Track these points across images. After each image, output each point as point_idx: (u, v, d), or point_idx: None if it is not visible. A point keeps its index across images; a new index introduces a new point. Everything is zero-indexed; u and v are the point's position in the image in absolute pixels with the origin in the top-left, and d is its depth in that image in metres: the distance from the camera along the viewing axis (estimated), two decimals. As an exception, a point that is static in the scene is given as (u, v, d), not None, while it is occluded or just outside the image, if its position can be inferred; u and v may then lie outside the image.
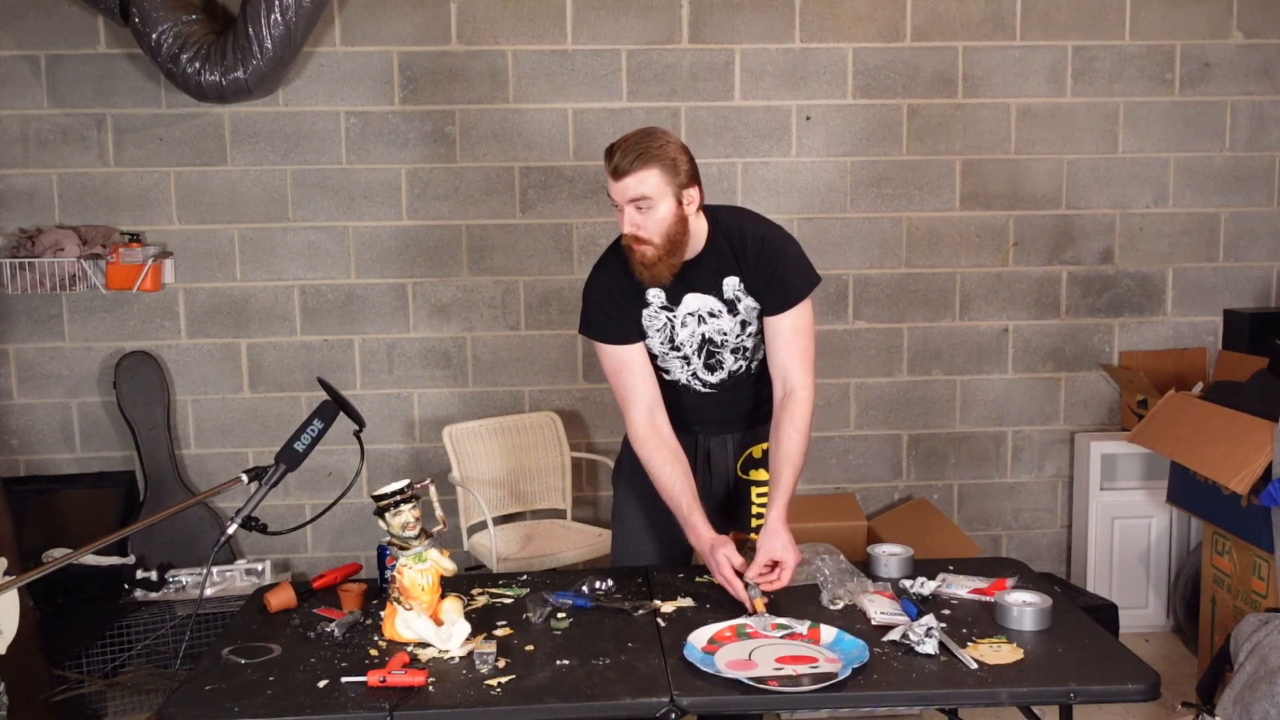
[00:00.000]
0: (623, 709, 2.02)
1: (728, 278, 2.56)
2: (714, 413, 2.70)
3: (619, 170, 2.39)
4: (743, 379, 2.68)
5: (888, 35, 4.20)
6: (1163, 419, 3.80)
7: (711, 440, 2.74)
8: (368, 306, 4.21)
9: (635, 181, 2.39)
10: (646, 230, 2.42)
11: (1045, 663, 2.13)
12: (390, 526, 2.30)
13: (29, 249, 3.96)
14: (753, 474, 2.74)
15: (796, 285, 2.56)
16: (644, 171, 2.38)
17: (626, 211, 2.41)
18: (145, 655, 3.69)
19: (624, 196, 2.40)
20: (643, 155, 2.38)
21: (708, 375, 2.65)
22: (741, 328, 2.60)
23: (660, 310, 2.57)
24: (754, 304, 2.58)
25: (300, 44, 3.82)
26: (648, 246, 2.44)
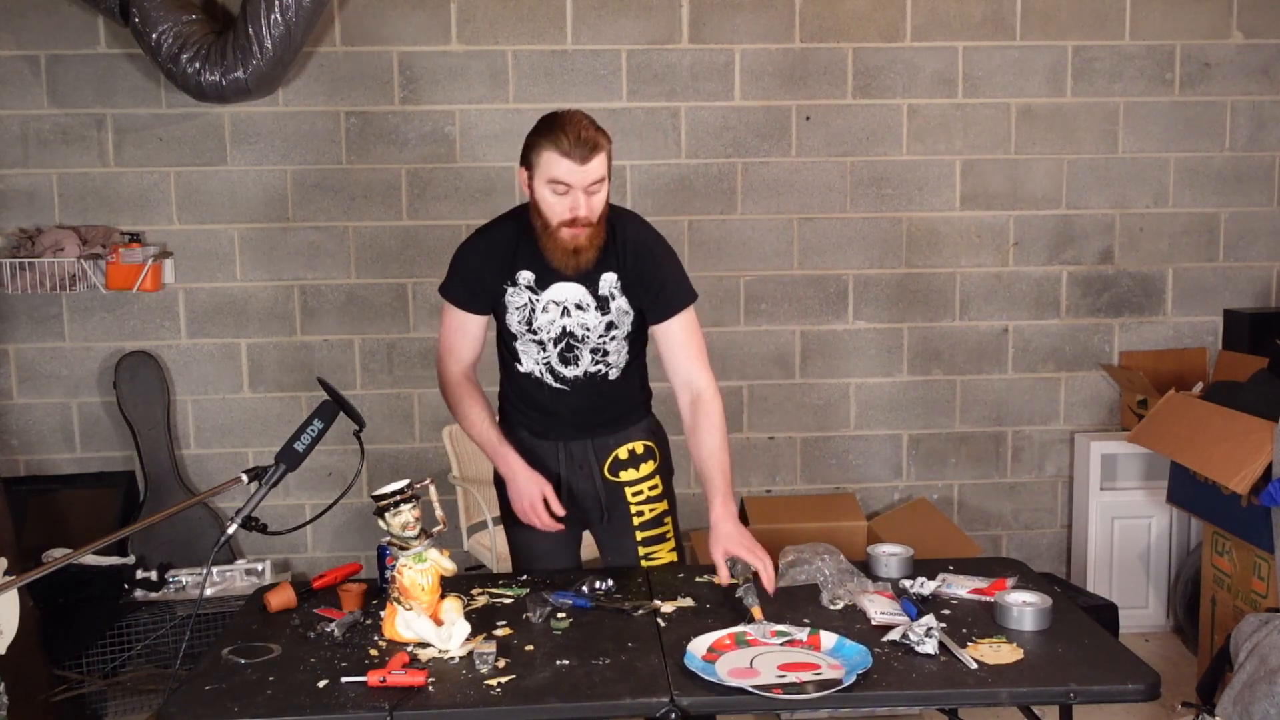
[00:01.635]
0: (623, 709, 2.02)
1: (606, 273, 2.54)
2: (566, 416, 2.65)
3: (589, 152, 2.35)
4: (598, 383, 2.63)
5: (888, 35, 4.20)
6: (1163, 419, 3.80)
7: (571, 445, 2.69)
8: (368, 306, 4.21)
9: (597, 163, 2.38)
10: (593, 214, 2.41)
11: (1045, 663, 2.13)
12: (390, 526, 2.30)
13: (29, 249, 3.96)
14: (623, 475, 2.70)
15: (678, 291, 2.58)
16: (601, 156, 2.39)
17: (582, 195, 2.38)
18: (145, 655, 3.69)
19: (587, 180, 2.37)
20: (599, 142, 2.38)
21: (561, 368, 2.60)
22: (606, 329, 2.57)
23: (525, 289, 2.54)
24: (627, 308, 2.57)
25: (300, 44, 3.82)
26: (586, 230, 2.42)
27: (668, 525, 2.75)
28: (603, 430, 2.70)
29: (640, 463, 2.71)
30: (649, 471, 2.72)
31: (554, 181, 2.38)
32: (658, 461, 2.75)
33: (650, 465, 2.73)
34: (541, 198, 2.42)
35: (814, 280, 4.30)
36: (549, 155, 2.37)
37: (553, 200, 2.40)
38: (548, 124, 2.42)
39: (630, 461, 2.70)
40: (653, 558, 2.72)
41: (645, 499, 2.71)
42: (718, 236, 4.23)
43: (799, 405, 4.35)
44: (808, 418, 4.36)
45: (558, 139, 2.37)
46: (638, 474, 2.71)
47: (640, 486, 2.71)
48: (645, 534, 2.71)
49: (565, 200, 2.39)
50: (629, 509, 2.71)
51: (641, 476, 2.71)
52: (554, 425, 2.69)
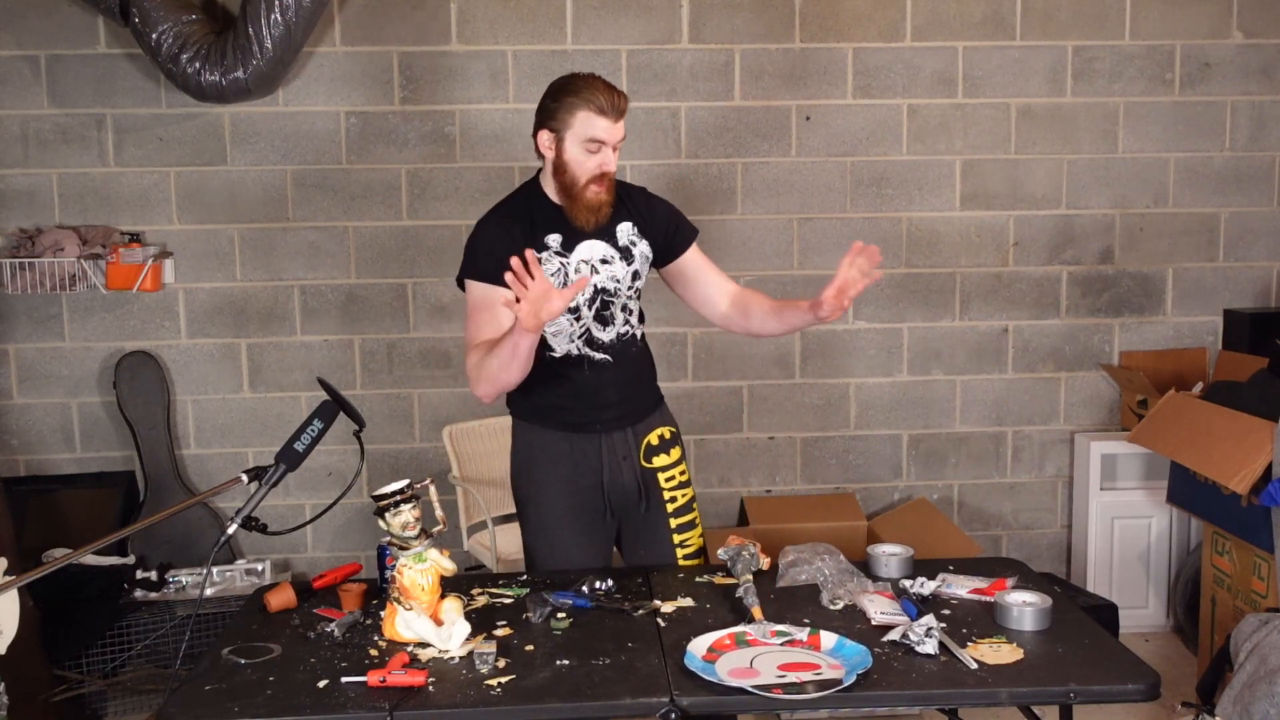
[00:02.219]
0: (623, 709, 2.02)
1: (622, 223, 2.62)
2: (609, 393, 2.63)
3: (621, 109, 2.48)
4: (629, 345, 2.67)
5: (888, 35, 4.20)
6: (1163, 419, 3.80)
7: (613, 436, 2.67)
8: (368, 306, 4.21)
9: (623, 123, 2.51)
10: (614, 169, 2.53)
11: (1045, 663, 2.13)
12: (390, 526, 2.30)
13: (29, 249, 3.96)
14: (655, 460, 2.72)
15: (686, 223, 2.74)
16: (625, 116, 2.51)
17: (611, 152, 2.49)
18: (145, 655, 3.69)
19: (618, 136, 2.49)
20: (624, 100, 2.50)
21: (600, 332, 2.61)
22: (633, 278, 2.64)
23: (555, 255, 2.56)
24: (647, 252, 2.65)
25: (300, 44, 3.82)
26: (607, 185, 2.52)
27: (696, 511, 2.78)
28: (638, 410, 2.70)
29: (670, 448, 2.74)
30: (677, 457, 2.76)
31: (591, 140, 2.47)
32: (681, 448, 2.79)
33: (677, 451, 2.76)
34: (572, 157, 2.49)
35: (814, 280, 4.29)
36: (585, 115, 2.45)
37: (583, 159, 2.48)
38: (575, 86, 2.49)
39: (661, 447, 2.73)
40: (686, 544, 2.73)
41: (676, 484, 2.74)
42: (718, 237, 4.23)
43: (799, 405, 4.35)
44: (808, 418, 4.36)
45: (593, 98, 2.45)
46: (669, 459, 2.73)
47: (672, 472, 2.73)
48: (679, 520, 2.73)
49: (597, 158, 2.48)
50: (663, 495, 2.72)
51: (672, 462, 2.74)
52: (596, 412, 2.65)
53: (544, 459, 2.69)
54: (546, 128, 2.51)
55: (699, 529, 2.78)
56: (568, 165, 2.50)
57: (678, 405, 3.56)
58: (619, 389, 2.66)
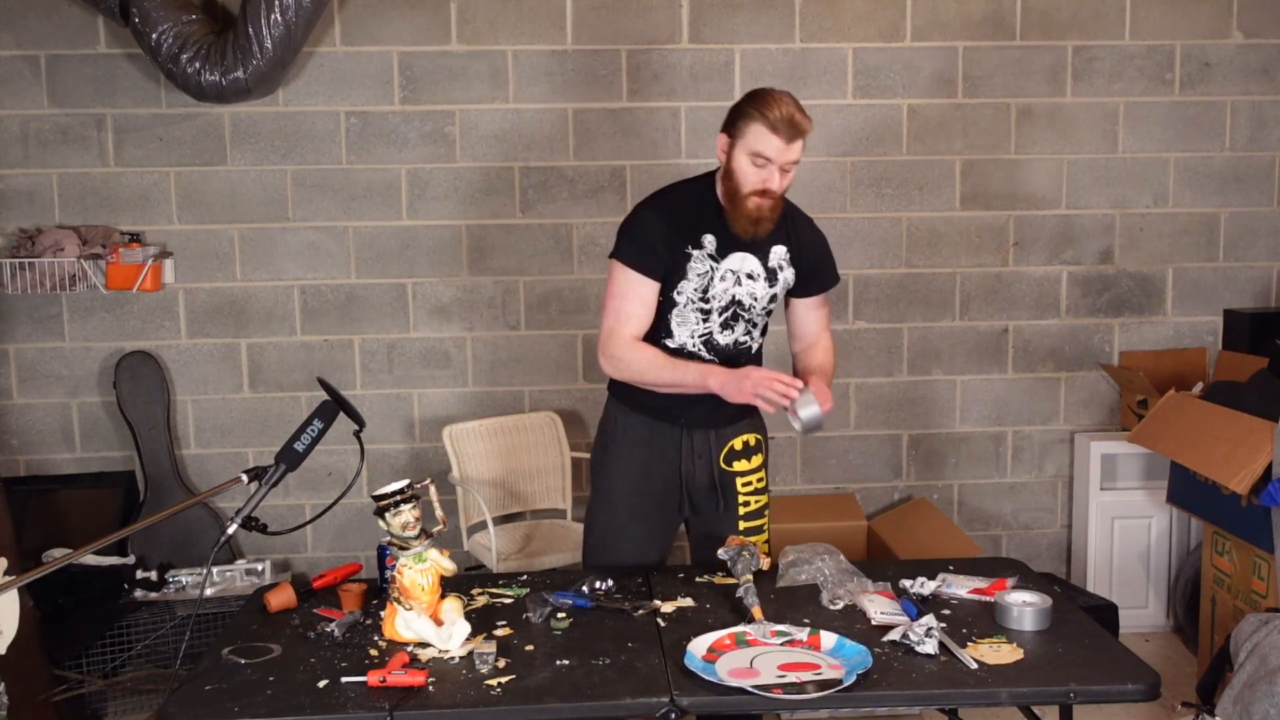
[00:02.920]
0: (623, 709, 2.02)
1: (777, 245, 2.67)
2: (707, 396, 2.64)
3: (795, 134, 2.47)
4: (741, 354, 2.72)
5: (888, 35, 4.20)
6: (1163, 419, 3.80)
7: (694, 434, 2.72)
8: (368, 306, 4.21)
9: (799, 146, 2.50)
10: (782, 190, 2.55)
11: (1045, 663, 2.13)
12: (390, 526, 2.30)
13: (29, 249, 3.96)
14: (736, 465, 2.77)
15: (832, 271, 2.80)
16: (804, 139, 2.51)
17: (777, 172, 2.49)
18: (145, 655, 3.69)
19: (787, 158, 2.49)
20: (805, 122, 2.49)
21: (719, 337, 2.66)
22: (770, 300, 2.70)
23: (708, 257, 2.61)
24: (791, 279, 2.70)
25: (300, 44, 3.82)
26: (771, 202, 2.53)
27: (766, 518, 2.83)
28: (727, 415, 2.71)
29: (752, 454, 2.79)
30: (759, 464, 2.81)
31: (756, 154, 2.49)
32: (764, 455, 2.83)
33: (760, 458, 2.81)
34: (739, 166, 2.52)
35: (814, 280, 4.29)
36: (757, 129, 2.48)
37: (749, 171, 2.51)
38: (761, 99, 2.50)
39: (744, 452, 2.77)
40: None
41: (753, 490, 2.79)
42: (718, 236, 4.23)
43: (799, 405, 4.34)
44: (808, 418, 4.35)
45: (769, 114, 2.47)
46: (749, 465, 2.78)
47: (750, 478, 2.78)
48: (747, 525, 2.78)
49: (761, 173, 2.50)
50: (737, 498, 2.77)
51: (752, 468, 2.79)
52: (685, 408, 2.68)
53: (623, 439, 2.75)
54: (726, 131, 2.56)
55: (765, 535, 2.83)
56: (734, 172, 2.53)
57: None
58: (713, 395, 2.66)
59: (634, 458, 2.73)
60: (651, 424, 2.72)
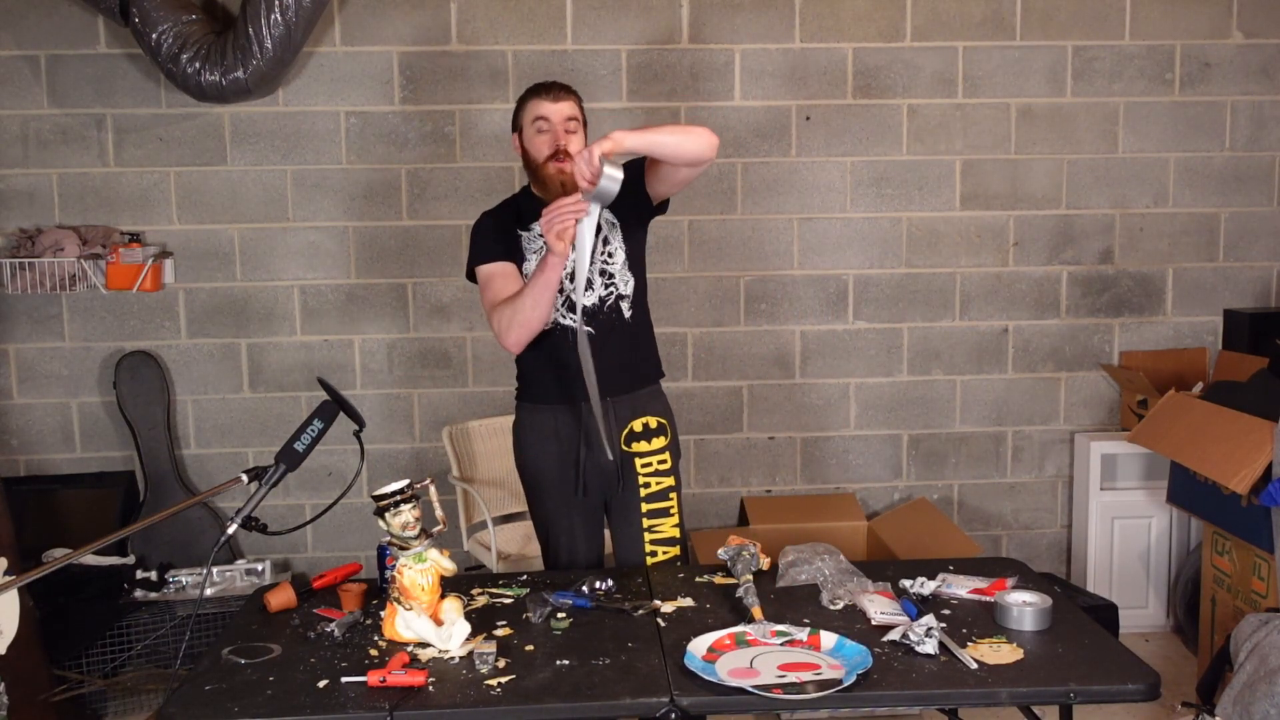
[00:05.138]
0: (623, 709, 2.02)
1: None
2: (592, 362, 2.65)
3: (560, 92, 2.73)
4: (616, 322, 2.77)
5: (888, 35, 4.20)
6: (1163, 419, 3.80)
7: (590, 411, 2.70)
8: (368, 306, 4.21)
9: (569, 105, 2.73)
10: (573, 149, 2.68)
11: (1045, 663, 2.13)
12: (390, 526, 2.30)
13: (29, 249, 3.96)
14: (635, 446, 2.81)
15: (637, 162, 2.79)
16: (573, 100, 2.75)
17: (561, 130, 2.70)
18: (145, 655, 3.69)
19: (562, 115, 2.71)
20: (569, 88, 2.76)
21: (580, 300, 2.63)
22: (604, 244, 2.77)
23: (538, 236, 2.76)
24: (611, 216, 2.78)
25: (300, 44, 3.82)
26: (569, 162, 2.65)
27: (673, 500, 2.85)
28: (620, 385, 2.78)
29: (653, 436, 2.84)
30: (660, 446, 2.85)
31: (537, 119, 2.72)
32: (668, 439, 2.87)
33: (662, 440, 2.85)
34: (529, 142, 2.75)
35: (814, 280, 4.30)
36: (530, 102, 2.75)
37: (537, 140, 2.72)
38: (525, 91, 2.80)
39: (644, 434, 2.83)
40: (656, 530, 2.81)
41: (653, 471, 2.83)
42: (718, 236, 4.23)
43: (799, 405, 4.35)
44: (808, 418, 4.36)
45: (534, 88, 2.77)
46: (649, 446, 2.83)
47: (650, 460, 2.83)
48: (650, 506, 2.82)
49: (547, 137, 2.71)
50: (637, 480, 2.82)
51: (652, 450, 2.83)
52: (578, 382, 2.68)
53: (532, 436, 2.85)
54: (514, 129, 2.82)
55: (675, 519, 2.85)
56: (528, 151, 2.76)
57: (678, 405, 3.57)
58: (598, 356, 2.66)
59: (545, 451, 2.83)
60: (554, 410, 2.81)
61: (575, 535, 2.85)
